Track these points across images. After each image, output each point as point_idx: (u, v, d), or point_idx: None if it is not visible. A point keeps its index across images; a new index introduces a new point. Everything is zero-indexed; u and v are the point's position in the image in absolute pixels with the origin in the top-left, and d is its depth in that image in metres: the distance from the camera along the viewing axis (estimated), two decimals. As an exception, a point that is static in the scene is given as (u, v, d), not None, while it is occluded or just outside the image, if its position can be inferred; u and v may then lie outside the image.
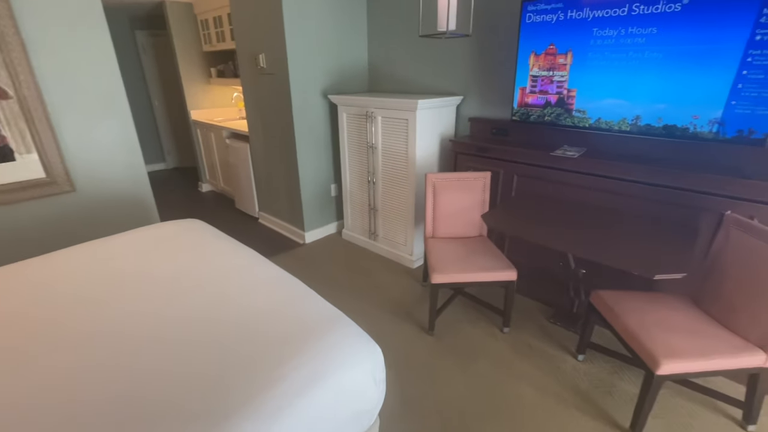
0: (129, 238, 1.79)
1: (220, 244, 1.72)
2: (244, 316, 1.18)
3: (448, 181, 2.26)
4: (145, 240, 1.76)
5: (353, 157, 2.94)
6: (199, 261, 1.55)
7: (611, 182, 1.92)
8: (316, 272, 2.76)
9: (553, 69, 2.03)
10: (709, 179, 1.65)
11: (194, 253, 1.63)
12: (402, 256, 2.84)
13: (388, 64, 3.06)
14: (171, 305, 1.25)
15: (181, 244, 1.72)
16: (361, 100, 2.66)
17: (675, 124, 1.75)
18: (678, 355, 1.36)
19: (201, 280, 1.40)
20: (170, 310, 1.23)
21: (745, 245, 1.49)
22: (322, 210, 3.26)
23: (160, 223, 1.96)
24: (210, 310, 1.22)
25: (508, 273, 1.95)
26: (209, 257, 1.59)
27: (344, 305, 2.31)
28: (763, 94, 1.53)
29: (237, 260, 1.58)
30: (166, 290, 1.34)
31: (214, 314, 1.20)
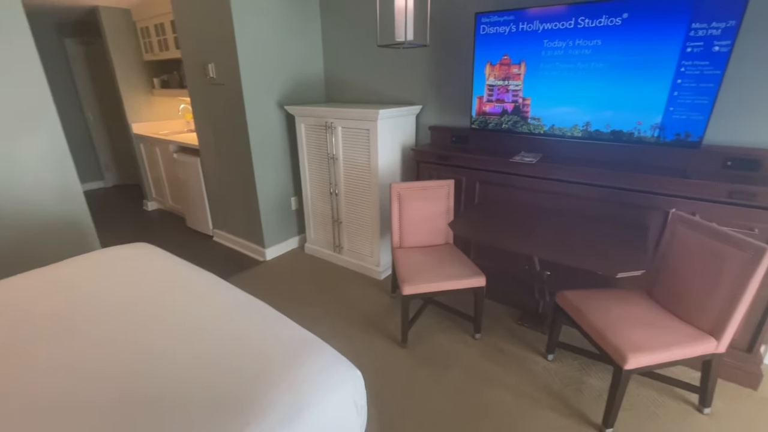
0: (66, 268, 1.59)
1: (176, 268, 1.57)
2: (211, 350, 1.07)
3: (412, 191, 2.25)
4: (87, 269, 1.57)
5: (314, 169, 2.86)
6: (154, 290, 1.40)
7: (567, 186, 2.01)
8: (280, 291, 2.62)
9: (508, 78, 2.10)
10: (654, 180, 1.77)
11: (147, 281, 1.47)
12: (369, 268, 2.79)
13: (344, 74, 3.02)
14: (126, 341, 1.11)
15: (131, 271, 1.55)
16: (319, 110, 2.60)
17: (621, 130, 1.87)
18: (642, 349, 1.42)
19: (158, 312, 1.26)
20: (126, 347, 1.08)
21: (690, 240, 1.60)
22: (282, 224, 3.14)
23: (103, 250, 1.76)
24: (172, 345, 1.09)
25: (477, 279, 1.96)
26: (165, 285, 1.44)
27: (313, 324, 2.21)
28: (696, 101, 1.67)
29: (196, 286, 1.44)
30: (119, 325, 1.19)
31: (176, 349, 1.08)
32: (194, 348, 1.08)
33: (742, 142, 1.75)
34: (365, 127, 2.42)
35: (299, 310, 2.39)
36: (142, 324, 1.19)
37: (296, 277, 2.80)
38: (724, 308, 1.45)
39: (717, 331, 1.47)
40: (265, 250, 3.04)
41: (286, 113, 2.93)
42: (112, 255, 1.69)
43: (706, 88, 1.63)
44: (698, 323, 1.53)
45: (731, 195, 1.62)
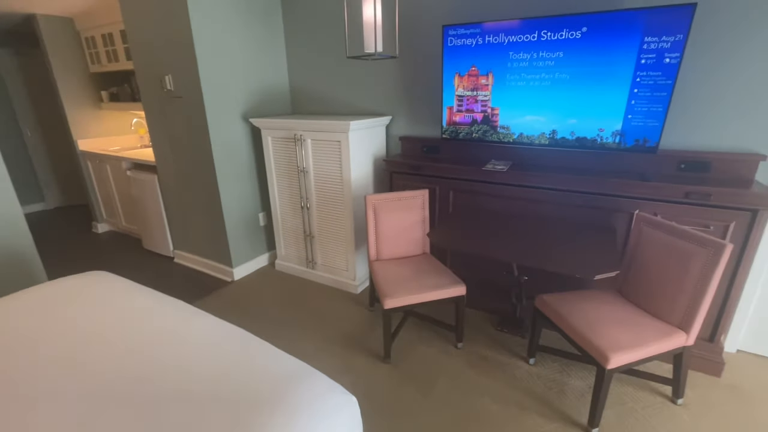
0: (8, 306, 1.40)
1: (139, 298, 1.43)
2: (193, 387, 0.97)
3: (387, 202, 2.22)
4: (34, 306, 1.39)
5: (282, 183, 2.76)
6: (120, 324, 1.26)
7: (538, 192, 2.07)
8: (251, 312, 2.49)
9: (476, 89, 2.15)
10: (617, 183, 1.86)
11: (110, 314, 1.33)
12: (345, 282, 2.72)
13: (310, 85, 2.97)
14: (85, 392, 0.98)
15: (87, 306, 1.39)
16: (287, 122, 2.53)
17: (585, 137, 1.96)
18: (622, 347, 1.47)
19: (127, 348, 1.14)
20: (86, 398, 0.95)
21: (655, 239, 1.69)
22: (250, 242, 3.00)
23: (52, 282, 1.58)
24: (149, 385, 0.98)
25: (457, 288, 1.96)
26: (130, 319, 1.30)
27: (290, 345, 2.12)
28: (652, 109, 1.78)
29: (167, 317, 1.32)
30: (87, 367, 1.05)
31: (155, 389, 0.96)
32: (175, 387, 0.97)
33: (693, 146, 1.89)
34: (336, 138, 2.37)
35: (274, 332, 2.27)
36: (106, 368, 1.07)
37: (268, 297, 2.67)
38: (691, 302, 1.53)
39: (686, 325, 1.55)
40: (232, 270, 2.88)
41: (251, 126, 2.83)
42: (63, 287, 1.51)
43: (659, 96, 1.75)
44: (668, 318, 1.61)
45: (687, 195, 1.73)
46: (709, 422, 1.62)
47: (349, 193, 2.45)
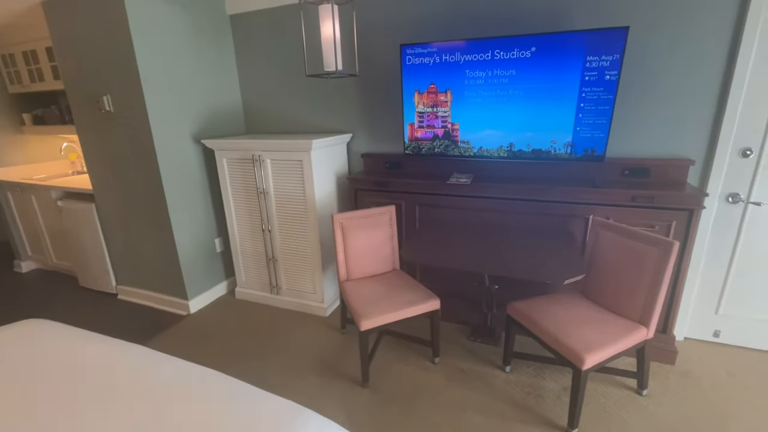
0: None
1: (90, 348, 1.25)
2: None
3: (355, 220, 2.19)
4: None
5: (240, 206, 2.62)
6: (67, 385, 1.09)
7: (500, 202, 2.15)
8: (213, 347, 2.30)
9: (436, 106, 2.21)
10: (572, 191, 1.98)
11: (53, 373, 1.14)
12: (313, 306, 2.61)
13: (265, 103, 2.88)
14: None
15: (24, 365, 1.19)
16: (244, 143, 2.42)
17: (540, 148, 2.07)
18: (594, 347, 1.53)
19: (82, 408, 0.97)
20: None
21: (611, 241, 1.81)
22: (206, 270, 2.80)
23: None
24: None
25: (431, 303, 1.95)
26: (81, 374, 1.13)
27: (260, 379, 1.97)
28: (597, 122, 1.93)
29: (126, 367, 1.16)
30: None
31: None
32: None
33: (635, 153, 2.07)
34: (298, 158, 2.31)
35: (241, 366, 2.11)
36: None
37: (230, 328, 2.49)
38: (648, 298, 1.65)
39: (645, 320, 1.66)
40: (188, 303, 2.66)
41: (203, 147, 2.67)
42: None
43: (603, 110, 1.90)
44: (630, 315, 1.71)
45: (634, 199, 1.88)
46: (672, 410, 1.73)
47: (314, 212, 2.38)
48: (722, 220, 2.00)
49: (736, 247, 2.00)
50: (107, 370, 1.13)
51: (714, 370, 1.97)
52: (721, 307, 2.11)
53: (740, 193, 1.94)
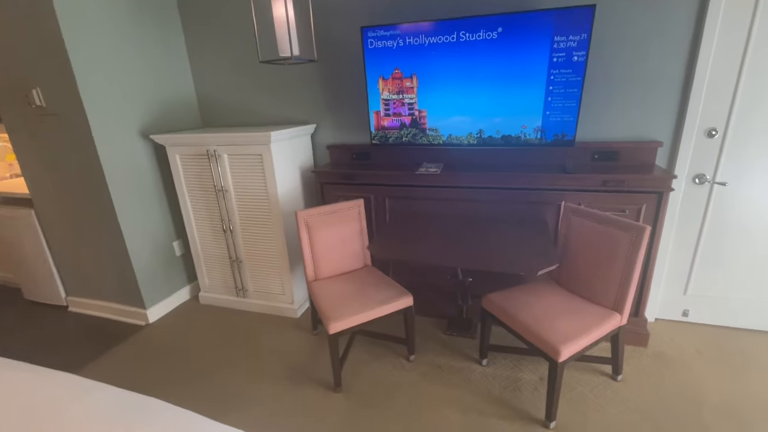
0: None
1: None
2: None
3: (321, 216, 2.06)
4: None
5: (198, 205, 2.44)
6: None
7: (471, 191, 2.07)
8: (176, 358, 2.14)
9: (402, 92, 2.09)
10: (543, 178, 1.93)
11: None
12: (282, 308, 2.48)
13: (221, 95, 2.68)
14: None
15: None
16: (197, 137, 2.23)
17: (510, 134, 2.00)
18: (570, 338, 1.49)
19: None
20: None
21: (583, 228, 1.77)
22: (165, 276, 2.61)
23: None
24: None
25: (405, 300, 1.87)
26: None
27: (227, 390, 1.83)
28: (566, 105, 1.87)
29: (42, 399, 1.01)
30: None
31: None
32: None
33: (604, 137, 2.03)
34: (257, 152, 2.15)
35: (205, 377, 1.97)
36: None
37: (194, 336, 2.33)
38: (622, 284, 1.62)
39: (619, 306, 1.64)
40: (146, 312, 2.48)
41: (153, 143, 2.46)
42: None
43: (572, 93, 1.84)
44: (603, 302, 1.69)
45: (605, 183, 1.85)
46: (647, 393, 1.73)
47: (278, 210, 2.24)
48: (689, 201, 2.00)
49: (703, 227, 2.02)
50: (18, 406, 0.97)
51: (684, 349, 2.00)
52: (689, 288, 2.14)
53: (706, 173, 1.94)
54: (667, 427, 1.56)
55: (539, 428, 1.58)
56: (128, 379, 1.99)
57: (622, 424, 1.57)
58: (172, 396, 1.85)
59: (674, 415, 1.61)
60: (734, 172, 1.89)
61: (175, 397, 1.84)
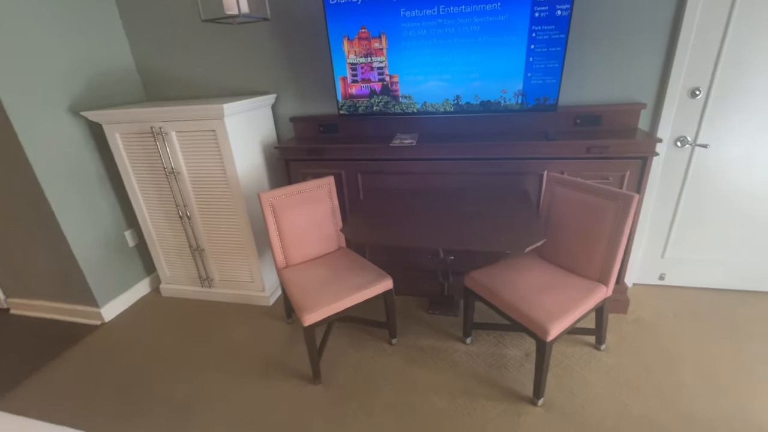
0: None
1: None
2: None
3: (288, 197, 1.87)
4: None
5: (149, 190, 2.18)
6: None
7: (449, 164, 1.93)
8: (137, 359, 1.95)
9: (370, 55, 1.88)
10: (525, 146, 1.81)
11: None
12: (252, 296, 2.32)
13: (165, 62, 2.35)
14: None
15: None
16: (137, 113, 1.95)
17: (489, 100, 1.85)
18: (558, 316, 1.43)
19: None
20: None
21: (567, 198, 1.69)
22: (119, 269, 2.36)
23: None
24: None
25: (383, 283, 1.75)
26: None
27: (195, 389, 1.67)
28: (549, 65, 1.73)
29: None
30: None
31: None
32: None
33: (585, 101, 1.92)
34: (209, 127, 1.90)
35: (171, 380, 1.81)
36: None
37: (157, 332, 2.14)
38: (608, 255, 1.56)
39: (605, 278, 1.59)
40: (99, 310, 2.25)
41: (89, 122, 2.14)
42: None
43: (555, 51, 1.70)
44: (589, 274, 1.63)
45: (589, 150, 1.75)
46: (629, 361, 1.73)
47: (239, 192, 2.02)
48: (670, 164, 1.95)
49: (682, 191, 1.99)
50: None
51: (662, 314, 2.01)
52: (666, 251, 2.13)
53: (688, 135, 1.88)
54: (650, 394, 1.56)
55: (527, 406, 1.55)
56: (77, 391, 1.80)
57: (608, 396, 1.56)
58: (129, 407, 1.68)
59: (656, 382, 1.61)
60: (715, 134, 1.84)
61: (133, 406, 1.68)
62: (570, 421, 1.47)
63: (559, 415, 1.50)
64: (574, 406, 1.53)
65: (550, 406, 1.54)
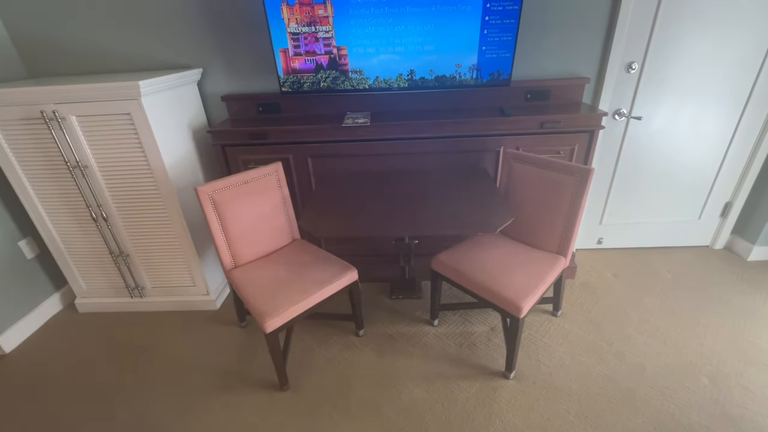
0: None
1: None
2: None
3: (230, 189, 1.64)
4: None
5: (47, 190, 1.78)
6: None
7: (406, 143, 1.84)
8: (48, 394, 1.63)
9: (314, 23, 1.67)
10: (482, 123, 1.78)
11: None
12: (195, 301, 2.06)
13: (50, 28, 1.89)
14: None
15: None
16: (20, 93, 1.54)
17: (444, 75, 1.77)
18: (528, 293, 1.45)
19: None
20: None
21: (523, 173, 1.70)
22: (16, 287, 1.94)
23: None
24: None
25: (349, 275, 1.64)
26: None
27: (145, 419, 1.43)
28: (503, 38, 1.69)
29: None
30: None
31: None
32: None
33: (535, 75, 1.93)
34: (123, 110, 1.57)
35: (109, 409, 1.53)
36: None
37: (79, 357, 1.81)
38: (566, 228, 1.61)
39: (564, 249, 1.65)
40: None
41: (-56, 106, 1.65)
42: None
43: (508, 24, 1.66)
44: (548, 247, 1.68)
45: (542, 125, 1.77)
46: (583, 323, 1.85)
47: (168, 186, 1.73)
48: (608, 136, 2.07)
49: (618, 161, 2.13)
50: None
51: (603, 275, 2.18)
52: (604, 218, 2.30)
53: (623, 108, 1.99)
54: (605, 352, 1.68)
55: (501, 380, 1.58)
56: (-15, 440, 1.46)
57: (571, 360, 1.65)
58: (60, 448, 1.40)
59: (608, 340, 1.74)
60: (647, 107, 1.97)
61: (65, 448, 1.40)
62: (541, 389, 1.53)
63: (530, 384, 1.55)
64: (543, 375, 1.59)
65: (521, 377, 1.59)
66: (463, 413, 1.46)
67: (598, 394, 1.50)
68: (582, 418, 1.41)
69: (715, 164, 2.13)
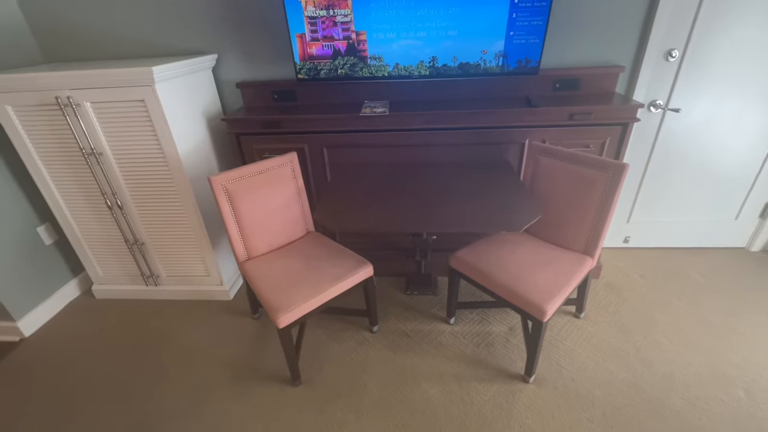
0: None
1: None
2: None
3: (244, 180, 1.60)
4: None
5: (63, 176, 1.78)
6: None
7: (426, 134, 1.76)
8: (67, 378, 1.65)
9: (332, 7, 1.59)
10: (508, 114, 1.68)
11: None
12: (209, 291, 2.05)
13: (67, 14, 1.86)
14: None
15: None
16: (34, 78, 1.52)
17: (468, 62, 1.68)
18: (552, 295, 1.37)
19: None
20: None
21: (550, 167, 1.61)
22: (35, 272, 1.96)
23: None
24: None
25: (364, 271, 1.59)
26: None
27: (150, 414, 1.43)
28: (533, 23, 1.58)
29: None
30: None
31: None
32: None
33: (564, 63, 1.81)
34: (136, 96, 1.53)
35: (125, 396, 1.54)
36: None
37: (96, 343, 1.83)
38: (595, 227, 1.52)
39: (591, 250, 1.56)
40: (16, 324, 1.86)
41: (-38, 91, 1.64)
42: None
43: (540, 7, 1.55)
44: (576, 247, 1.59)
45: (572, 117, 1.67)
46: (607, 325, 1.76)
47: (182, 175, 1.70)
48: (641, 129, 1.95)
49: (651, 156, 2.00)
50: None
51: (629, 275, 2.08)
52: (632, 216, 2.18)
53: (660, 100, 1.86)
54: (632, 358, 1.60)
55: (519, 384, 1.52)
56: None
57: (594, 365, 1.58)
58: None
59: (635, 345, 1.66)
60: (685, 99, 1.84)
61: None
62: (562, 395, 1.46)
63: (551, 390, 1.49)
64: (564, 380, 1.52)
65: (541, 381, 1.52)
66: (480, 416, 1.41)
67: (623, 403, 1.42)
68: (606, 428, 1.34)
69: (756, 162, 1.98)
